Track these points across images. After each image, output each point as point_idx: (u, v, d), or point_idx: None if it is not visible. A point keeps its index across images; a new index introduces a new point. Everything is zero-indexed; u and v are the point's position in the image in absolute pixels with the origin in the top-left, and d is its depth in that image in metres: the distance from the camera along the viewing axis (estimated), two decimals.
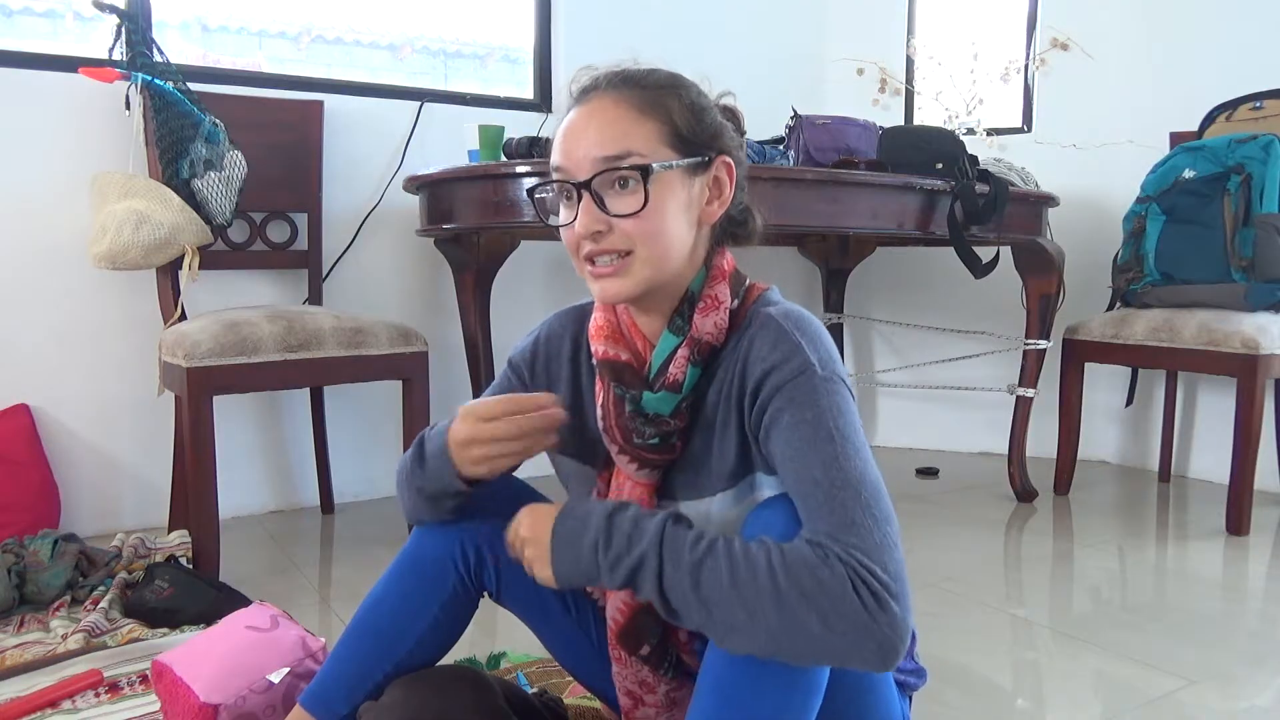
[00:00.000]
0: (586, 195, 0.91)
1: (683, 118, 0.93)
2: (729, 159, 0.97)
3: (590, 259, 0.93)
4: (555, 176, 0.94)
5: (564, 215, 0.94)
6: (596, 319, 1.02)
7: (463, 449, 0.93)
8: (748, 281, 1.00)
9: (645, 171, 0.89)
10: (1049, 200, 2.59)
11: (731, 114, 1.02)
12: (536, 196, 0.97)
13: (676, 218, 0.93)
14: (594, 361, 1.01)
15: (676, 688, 1.02)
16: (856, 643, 0.76)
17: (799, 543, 0.79)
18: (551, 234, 1.03)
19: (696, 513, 0.97)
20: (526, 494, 1.06)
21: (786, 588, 0.76)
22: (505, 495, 1.03)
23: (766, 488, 0.94)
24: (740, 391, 0.92)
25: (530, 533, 0.89)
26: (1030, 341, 2.65)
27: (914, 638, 1.07)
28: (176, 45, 2.49)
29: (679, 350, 0.95)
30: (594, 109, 0.92)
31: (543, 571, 0.88)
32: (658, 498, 1.00)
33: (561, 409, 0.92)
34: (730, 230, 1.02)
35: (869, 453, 0.87)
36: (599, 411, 1.00)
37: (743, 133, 1.03)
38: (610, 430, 0.99)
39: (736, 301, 0.97)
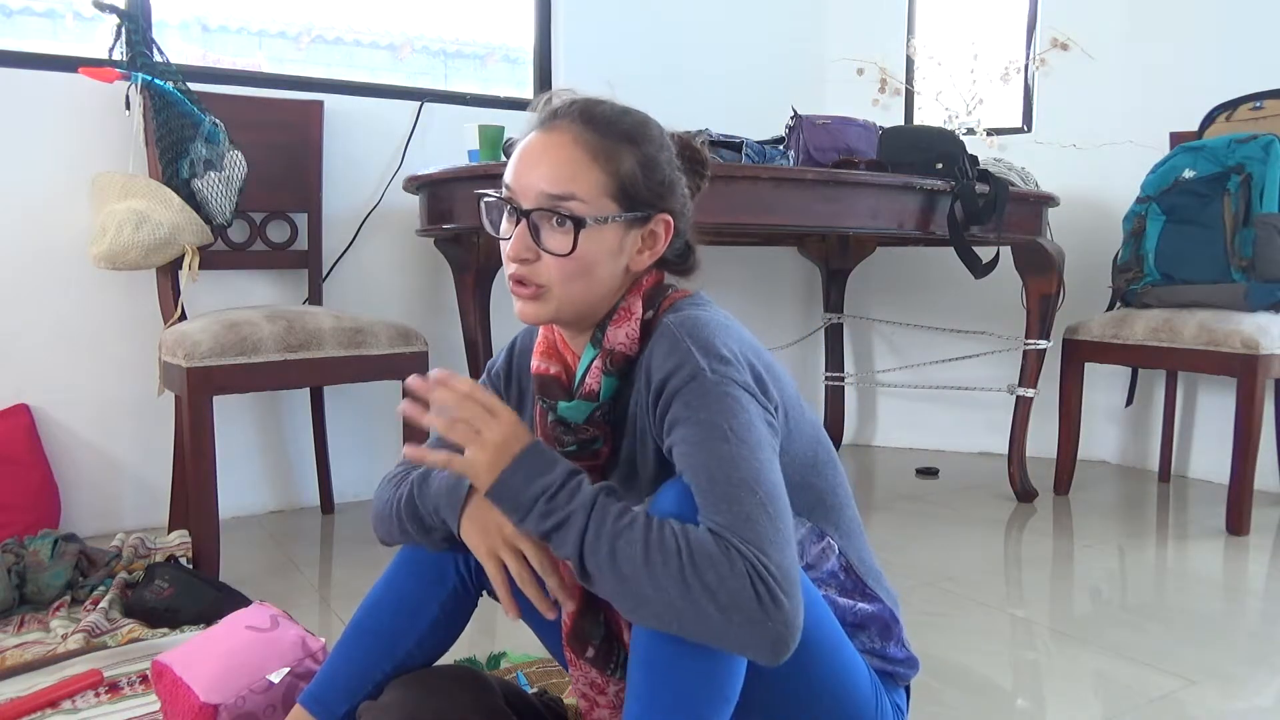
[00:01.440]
0: (524, 222, 0.95)
1: (631, 173, 0.96)
2: (669, 216, 1.00)
3: (516, 279, 0.97)
4: (505, 193, 0.98)
5: (505, 229, 0.99)
6: (538, 336, 1.07)
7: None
8: (669, 291, 1.03)
9: (579, 223, 0.93)
10: (1049, 200, 2.59)
11: (695, 157, 1.05)
12: (485, 202, 1.01)
13: (602, 265, 0.96)
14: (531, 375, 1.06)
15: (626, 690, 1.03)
16: (751, 635, 0.80)
17: (704, 533, 0.82)
18: None
19: None
20: None
21: (691, 577, 0.80)
22: None
23: None
24: (648, 400, 0.95)
25: (498, 438, 0.89)
26: (1030, 341, 2.65)
27: (900, 624, 1.07)
28: (176, 45, 2.49)
29: (595, 361, 0.98)
30: (552, 141, 0.96)
31: (484, 475, 0.89)
32: None
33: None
34: (665, 266, 1.05)
35: (768, 451, 0.89)
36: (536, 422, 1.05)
37: (704, 175, 1.06)
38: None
39: (650, 312, 0.99)
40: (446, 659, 1.10)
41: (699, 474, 0.86)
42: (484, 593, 1.09)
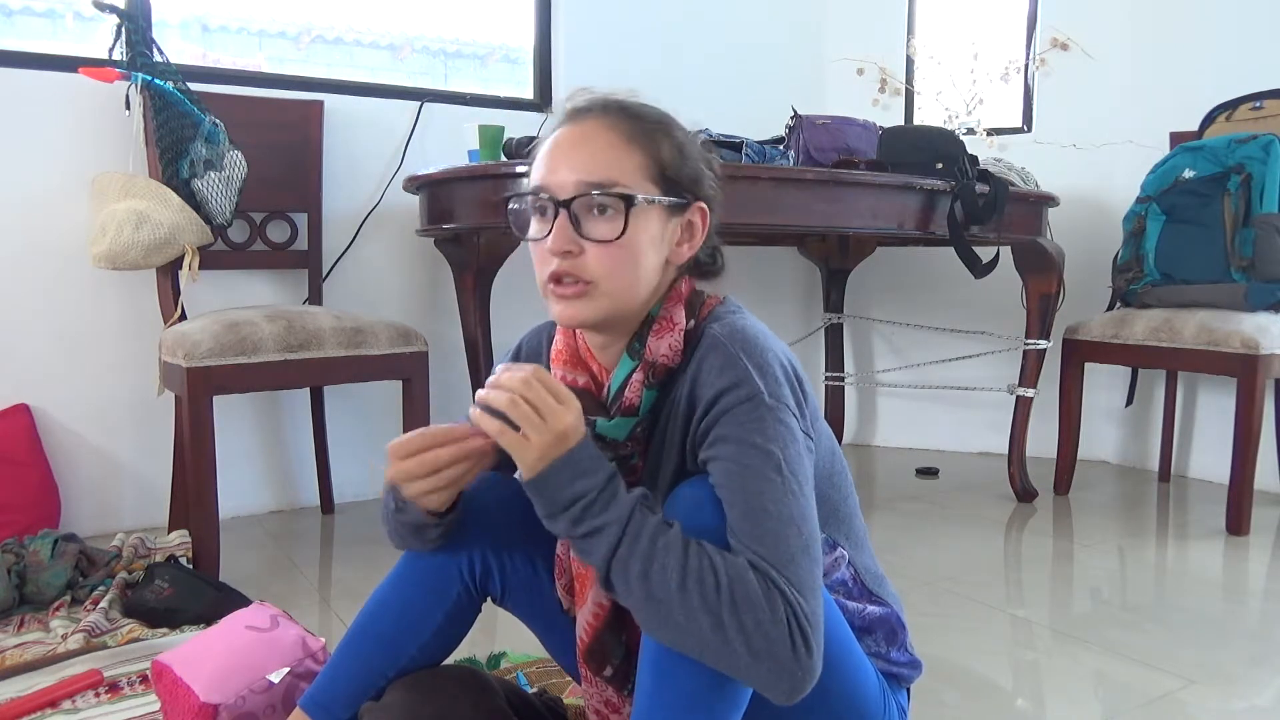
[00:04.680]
0: (563, 214, 0.90)
1: (670, 156, 0.94)
2: (705, 206, 0.98)
3: (556, 279, 0.92)
4: (536, 193, 0.93)
5: (536, 230, 0.94)
6: (557, 343, 1.03)
7: (401, 487, 0.92)
8: (704, 297, 1.01)
9: (629, 201, 0.90)
10: (1049, 200, 2.59)
11: (708, 155, 1.02)
12: (511, 208, 0.96)
13: (647, 253, 0.93)
14: None
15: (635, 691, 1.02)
16: (773, 678, 0.79)
17: (746, 569, 0.80)
18: None
19: None
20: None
21: (729, 617, 0.78)
22: (506, 495, 1.03)
23: None
24: (689, 411, 0.93)
25: (561, 427, 0.84)
26: (1030, 341, 2.65)
27: (905, 628, 1.07)
28: (176, 45, 2.49)
29: (634, 374, 0.95)
30: (586, 131, 0.93)
31: (533, 461, 0.83)
32: None
33: (481, 440, 0.89)
34: (696, 270, 1.03)
35: (810, 487, 0.88)
36: None
37: (715, 173, 1.03)
38: None
39: (692, 322, 0.97)
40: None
41: (748, 499, 0.84)
42: (488, 599, 1.09)
